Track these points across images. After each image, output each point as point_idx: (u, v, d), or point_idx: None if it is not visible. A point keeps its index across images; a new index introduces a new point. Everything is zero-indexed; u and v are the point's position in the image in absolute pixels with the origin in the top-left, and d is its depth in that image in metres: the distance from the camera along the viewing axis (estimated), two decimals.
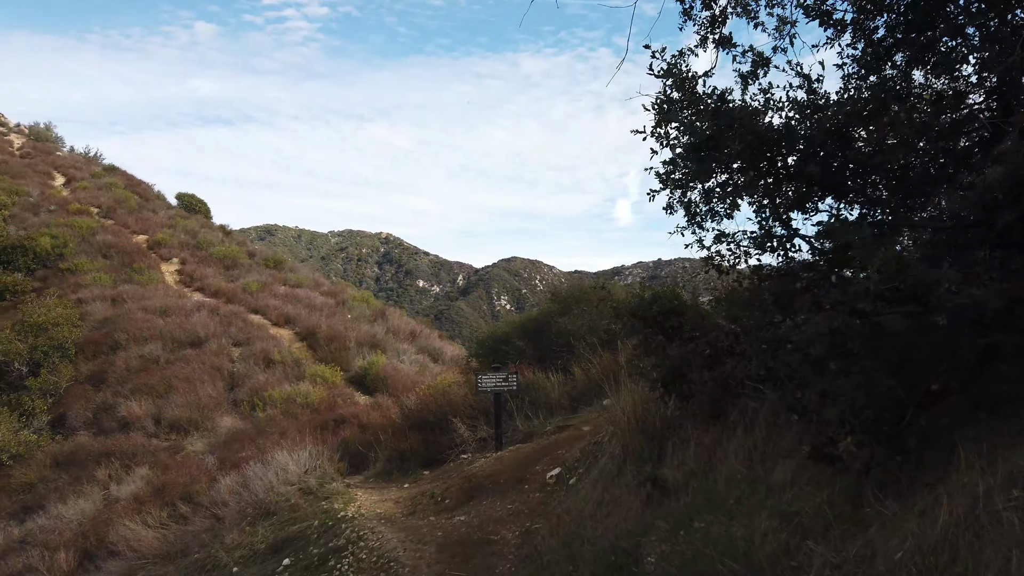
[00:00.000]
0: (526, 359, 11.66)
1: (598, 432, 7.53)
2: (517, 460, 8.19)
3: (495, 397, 9.30)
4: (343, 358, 23.20)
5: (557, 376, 10.85)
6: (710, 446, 5.09)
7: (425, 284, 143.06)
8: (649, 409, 6.24)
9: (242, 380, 20.87)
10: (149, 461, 15.69)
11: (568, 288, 12.89)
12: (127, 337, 22.95)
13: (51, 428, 19.30)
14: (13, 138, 58.79)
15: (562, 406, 10.36)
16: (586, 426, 8.64)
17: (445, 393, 10.70)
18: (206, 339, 23.31)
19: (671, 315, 6.19)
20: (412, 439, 9.93)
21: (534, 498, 7.06)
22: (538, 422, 9.60)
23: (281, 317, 26.97)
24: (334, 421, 17.05)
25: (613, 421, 6.71)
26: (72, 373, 21.58)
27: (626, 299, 6.59)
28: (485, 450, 9.38)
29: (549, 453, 8.07)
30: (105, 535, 10.52)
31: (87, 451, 17.01)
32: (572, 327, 11.57)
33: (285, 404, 18.57)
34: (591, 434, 7.99)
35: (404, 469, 9.73)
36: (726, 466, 4.72)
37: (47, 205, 38.61)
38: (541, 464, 7.82)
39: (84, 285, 28.19)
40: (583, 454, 7.31)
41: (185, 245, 36.36)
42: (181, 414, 18.11)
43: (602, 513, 5.46)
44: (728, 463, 4.71)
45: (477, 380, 9.34)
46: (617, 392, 6.72)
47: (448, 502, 7.68)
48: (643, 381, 6.56)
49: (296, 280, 33.33)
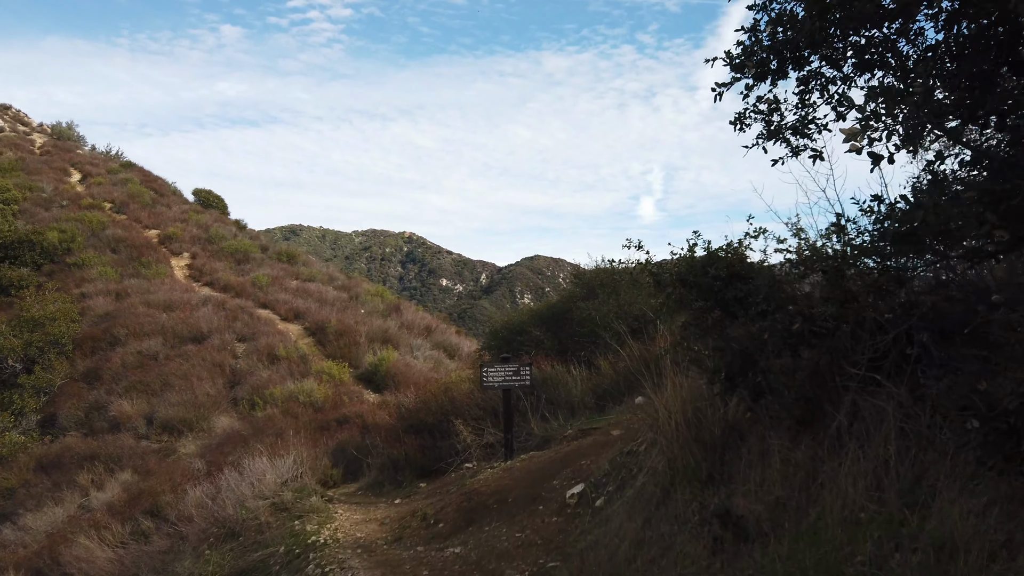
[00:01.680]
0: (545, 350, 10.04)
1: (632, 438, 5.90)
2: (530, 472, 6.58)
3: (504, 394, 7.69)
4: (353, 354, 21.77)
5: (580, 370, 9.23)
6: (805, 464, 3.44)
7: (448, 283, 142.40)
8: (703, 410, 4.61)
9: (244, 377, 19.53)
10: (134, 465, 14.37)
11: (594, 269, 11.24)
12: (127, 332, 21.75)
13: (41, 428, 18.13)
14: (36, 137, 58.99)
15: (585, 405, 8.74)
16: (615, 430, 7.02)
17: (447, 390, 9.08)
18: (209, 334, 22.03)
19: (735, 281, 4.54)
20: (408, 444, 8.35)
21: (550, 524, 5.46)
22: (557, 424, 7.97)
23: (290, 312, 25.66)
24: (336, 421, 15.60)
25: (653, 425, 5.08)
26: (68, 370, 20.44)
27: (670, 264, 4.94)
28: (492, 458, 7.78)
29: (570, 464, 6.46)
30: (60, 554, 9.12)
31: (73, 453, 15.75)
32: (598, 313, 9.95)
33: (286, 403, 17.16)
34: (622, 440, 6.37)
35: (397, 480, 8.18)
36: (837, 496, 3.08)
37: (59, 200, 37.93)
38: (560, 478, 6.21)
39: (89, 279, 27.17)
40: (613, 467, 5.68)
41: (197, 239, 35.33)
42: (175, 414, 16.78)
43: (644, 559, 3.83)
44: (841, 491, 3.07)
45: (482, 374, 7.72)
46: (659, 386, 5.08)
47: (442, 526, 6.09)
48: (693, 372, 4.92)
49: (309, 274, 32.05)
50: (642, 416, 6.84)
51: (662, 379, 5.12)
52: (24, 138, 55.86)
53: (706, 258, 4.65)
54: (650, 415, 5.48)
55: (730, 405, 4.54)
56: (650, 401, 7.69)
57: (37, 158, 48.37)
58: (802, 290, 4.47)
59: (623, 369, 9.35)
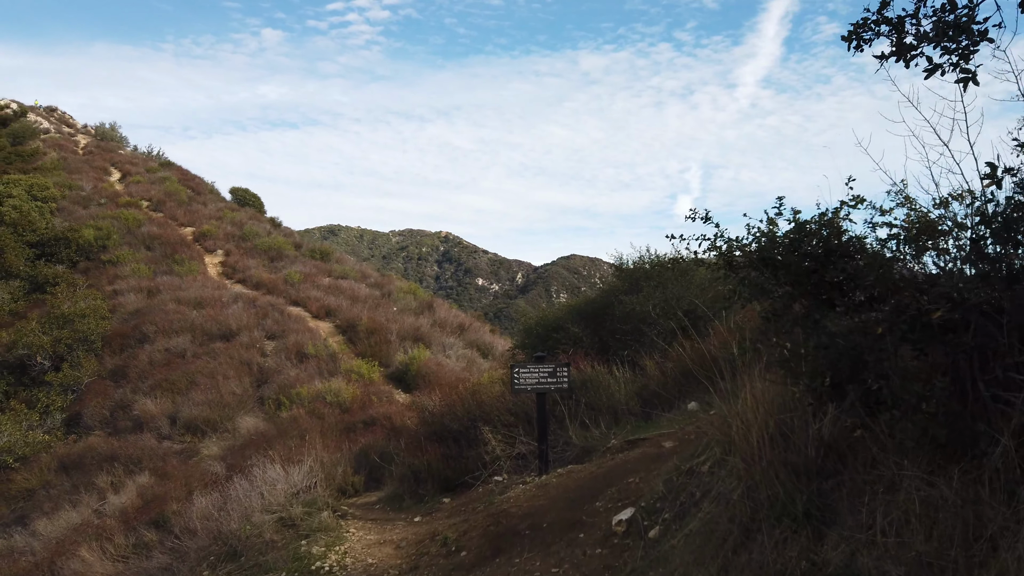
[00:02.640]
0: (584, 349, 9.06)
1: (691, 453, 4.92)
2: (568, 490, 5.63)
3: (538, 399, 6.75)
4: (383, 352, 21.05)
5: (623, 371, 8.23)
6: (959, 509, 2.43)
7: (484, 282, 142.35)
8: (790, 424, 3.61)
9: (271, 376, 18.95)
10: (153, 467, 13.81)
11: (638, 259, 10.21)
12: (155, 329, 21.38)
13: (66, 427, 17.78)
14: (80, 138, 60.27)
15: (630, 411, 7.76)
16: (667, 441, 6.03)
17: (475, 393, 8.15)
18: (238, 332, 21.55)
19: (834, 259, 3.54)
20: (431, 453, 7.44)
21: (593, 558, 4.51)
22: (598, 433, 6.99)
23: (322, 309, 25.11)
24: (363, 423, 14.85)
25: (723, 440, 4.10)
26: (95, 367, 20.13)
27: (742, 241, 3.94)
28: (525, 471, 6.84)
29: (615, 481, 5.49)
30: (59, 567, 8.48)
31: (94, 454, 15.28)
32: (643, 308, 8.94)
33: (312, 403, 16.48)
34: (677, 455, 5.39)
35: (419, 493, 7.30)
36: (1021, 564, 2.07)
37: (98, 198, 38.21)
38: (603, 499, 5.25)
39: (122, 276, 27.06)
40: (669, 488, 4.70)
41: (231, 237, 35.18)
42: (199, 413, 16.23)
43: None
44: None
45: (513, 376, 6.76)
46: (731, 392, 4.09)
47: (465, 555, 5.17)
48: (776, 375, 3.92)
49: (342, 271, 31.54)
50: (700, 426, 5.85)
51: (735, 382, 4.12)
52: (69, 139, 56.97)
53: (796, 232, 3.65)
54: (717, 427, 4.49)
55: (826, 419, 3.54)
56: (708, 408, 6.68)
57: (79, 158, 49.09)
58: (926, 270, 3.45)
59: (672, 371, 8.33)
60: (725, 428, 4.03)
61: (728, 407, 4.04)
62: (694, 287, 9.49)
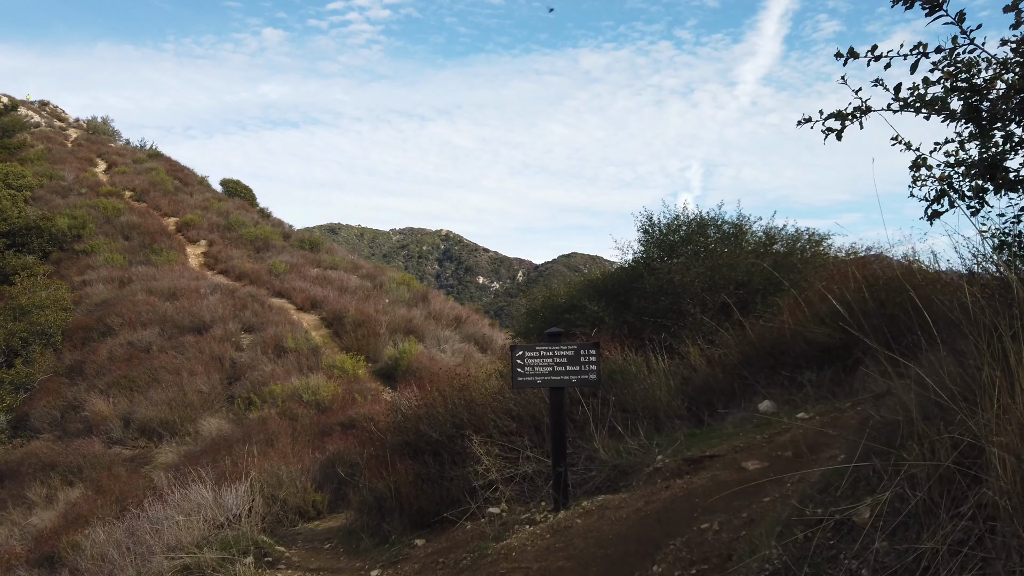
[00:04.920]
0: (607, 332, 6.99)
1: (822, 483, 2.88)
2: (603, 541, 3.57)
3: (553, 396, 4.68)
4: (371, 346, 19.04)
5: (661, 359, 6.17)
6: None
7: (485, 280, 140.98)
8: None
9: (245, 371, 16.94)
10: (94, 477, 11.81)
11: (673, 220, 8.02)
12: (121, 322, 19.39)
13: (12, 429, 15.77)
14: (71, 132, 59.23)
15: (675, 413, 5.71)
16: (750, 460, 3.99)
17: (463, 390, 5.99)
18: (212, 324, 19.55)
19: None
20: (401, 473, 5.26)
21: None
22: (636, 445, 4.90)
23: (307, 300, 23.12)
24: (341, 425, 12.84)
25: (887, 465, 2.05)
26: (52, 363, 18.13)
27: None
28: (533, 498, 4.76)
29: (680, 529, 3.44)
30: None
31: (35, 461, 13.27)
32: (684, 278, 6.92)
33: (287, 402, 14.47)
34: (772, 480, 3.39)
35: (382, 530, 5.21)
36: None
37: (78, 188, 36.33)
38: (665, 561, 3.20)
39: (94, 266, 25.08)
40: (791, 552, 2.65)
41: (216, 226, 33.24)
42: (156, 414, 14.21)
43: None
44: None
45: (515, 362, 4.51)
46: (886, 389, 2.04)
47: None
48: None
49: (332, 262, 29.53)
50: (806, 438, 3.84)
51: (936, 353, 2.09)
52: (59, 132, 55.55)
53: None
54: (885, 439, 2.47)
55: None
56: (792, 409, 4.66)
57: (66, 150, 47.48)
58: None
59: (725, 359, 6.29)
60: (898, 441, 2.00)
61: (893, 401, 2.00)
62: (744, 254, 7.45)
